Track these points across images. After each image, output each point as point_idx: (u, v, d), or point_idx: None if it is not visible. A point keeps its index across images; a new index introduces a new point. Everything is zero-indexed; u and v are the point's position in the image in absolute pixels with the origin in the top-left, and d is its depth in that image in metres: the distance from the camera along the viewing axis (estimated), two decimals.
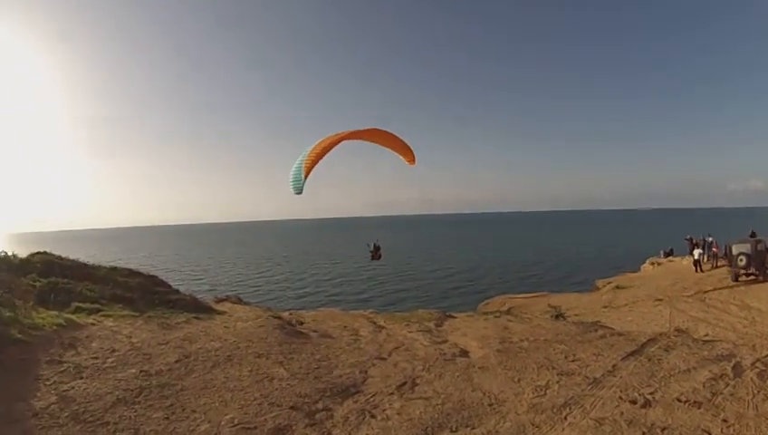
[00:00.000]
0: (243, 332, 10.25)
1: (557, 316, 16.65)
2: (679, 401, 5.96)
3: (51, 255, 12.82)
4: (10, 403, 5.44)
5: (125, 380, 6.62)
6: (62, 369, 6.66)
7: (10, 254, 11.85)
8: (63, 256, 13.17)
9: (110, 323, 9.27)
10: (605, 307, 23.06)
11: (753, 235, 26.51)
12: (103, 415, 5.49)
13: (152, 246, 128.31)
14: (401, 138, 11.81)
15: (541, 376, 7.31)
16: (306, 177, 10.61)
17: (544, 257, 64.88)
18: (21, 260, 11.70)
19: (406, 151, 11.95)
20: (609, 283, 31.82)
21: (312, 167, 10.63)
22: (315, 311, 18.55)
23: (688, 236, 31.49)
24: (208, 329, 10.24)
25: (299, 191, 10.80)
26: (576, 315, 19.37)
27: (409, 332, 11.37)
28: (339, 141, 10.74)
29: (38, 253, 12.71)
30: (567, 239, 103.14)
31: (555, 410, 5.90)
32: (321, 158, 10.66)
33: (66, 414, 5.38)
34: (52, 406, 5.52)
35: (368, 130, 11.41)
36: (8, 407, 5.35)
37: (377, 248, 15.21)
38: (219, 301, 15.40)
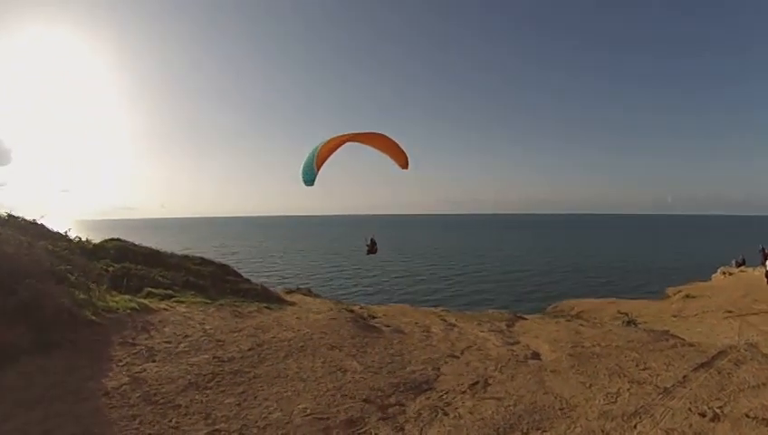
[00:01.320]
0: (315, 323, 10.38)
1: (628, 323, 16.92)
2: (748, 416, 6.00)
3: (124, 241, 13.51)
4: (82, 382, 5.61)
5: (197, 365, 6.73)
6: (135, 351, 6.86)
7: (84, 239, 12.50)
8: (136, 243, 13.81)
9: (183, 309, 9.63)
10: (674, 316, 22.74)
11: None
12: (175, 398, 5.56)
13: (223, 237, 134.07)
14: (398, 142, 12.17)
15: (612, 383, 7.38)
16: (318, 169, 11.10)
17: (614, 262, 63.97)
18: (95, 245, 12.38)
19: (400, 157, 12.26)
20: (680, 291, 31.18)
21: (323, 162, 11.14)
22: (386, 306, 18.60)
23: (761, 247, 30.08)
24: (280, 319, 10.44)
25: (310, 183, 11.26)
26: (645, 323, 19.15)
27: (481, 331, 11.46)
28: (343, 143, 11.26)
29: (112, 239, 13.44)
30: (638, 244, 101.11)
31: (625, 418, 5.97)
32: (330, 154, 11.19)
33: (137, 395, 5.48)
34: (124, 386, 5.64)
35: (368, 133, 11.84)
36: (80, 385, 5.51)
37: (373, 243, 16.09)
38: (290, 292, 15.67)
